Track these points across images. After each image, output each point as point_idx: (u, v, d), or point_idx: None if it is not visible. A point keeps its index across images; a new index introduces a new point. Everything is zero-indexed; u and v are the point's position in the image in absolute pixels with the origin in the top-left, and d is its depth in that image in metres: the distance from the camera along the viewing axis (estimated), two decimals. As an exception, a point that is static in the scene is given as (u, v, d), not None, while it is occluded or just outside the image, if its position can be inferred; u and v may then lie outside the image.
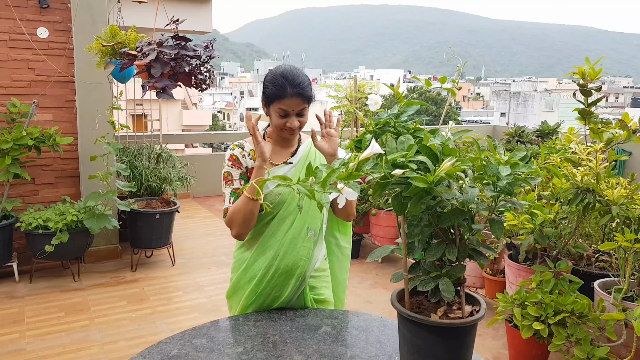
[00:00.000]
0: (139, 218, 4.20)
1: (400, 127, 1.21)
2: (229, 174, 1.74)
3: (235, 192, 1.72)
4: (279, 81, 1.66)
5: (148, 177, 4.62)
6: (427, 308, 1.36)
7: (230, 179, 1.74)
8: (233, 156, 1.76)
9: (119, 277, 4.13)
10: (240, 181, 1.74)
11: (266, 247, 1.73)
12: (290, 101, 1.66)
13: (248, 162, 1.75)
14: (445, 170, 1.09)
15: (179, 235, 5.13)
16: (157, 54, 2.27)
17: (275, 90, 1.66)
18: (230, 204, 1.71)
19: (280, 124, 1.69)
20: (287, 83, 1.65)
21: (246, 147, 1.78)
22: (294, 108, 1.67)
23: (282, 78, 1.67)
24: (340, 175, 1.10)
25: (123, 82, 3.54)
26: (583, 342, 2.55)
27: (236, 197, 1.71)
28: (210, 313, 3.52)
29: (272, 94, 1.67)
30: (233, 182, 1.73)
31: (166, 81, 2.28)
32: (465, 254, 1.26)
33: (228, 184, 1.74)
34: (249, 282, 1.74)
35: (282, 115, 1.68)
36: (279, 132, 1.72)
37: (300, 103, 1.67)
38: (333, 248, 1.91)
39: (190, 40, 2.39)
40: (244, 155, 1.76)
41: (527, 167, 1.15)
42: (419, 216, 1.21)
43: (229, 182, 1.74)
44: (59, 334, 3.17)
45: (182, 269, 4.37)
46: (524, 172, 1.16)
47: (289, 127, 1.69)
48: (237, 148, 1.77)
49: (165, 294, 3.84)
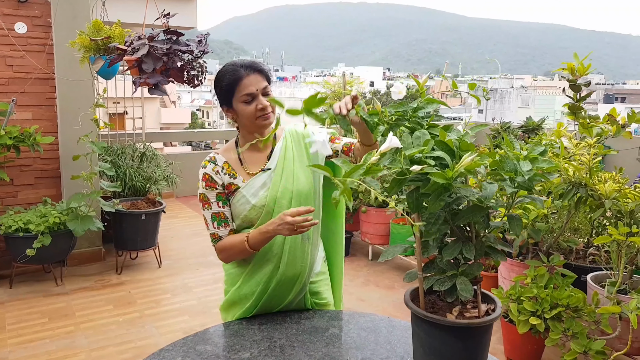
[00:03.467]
0: (124, 219, 4.08)
1: (415, 122, 1.17)
2: (205, 197, 1.61)
3: (216, 216, 1.61)
4: (230, 68, 1.58)
5: (132, 176, 4.51)
6: (442, 308, 1.33)
7: (207, 202, 1.61)
8: (206, 175, 1.62)
9: (104, 280, 4.02)
10: (218, 203, 1.61)
11: (263, 261, 1.62)
12: (249, 79, 1.55)
13: (223, 178, 1.62)
14: (465, 166, 1.06)
15: (165, 236, 5.02)
16: (149, 49, 2.18)
17: (230, 76, 1.56)
18: (215, 228, 1.61)
19: (251, 110, 1.56)
20: (238, 66, 1.57)
21: (219, 160, 1.64)
22: (257, 86, 1.56)
23: (232, 65, 1.59)
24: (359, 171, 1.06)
25: (107, 78, 3.43)
26: (579, 335, 2.56)
27: (219, 221, 1.61)
28: (201, 315, 3.44)
29: (229, 83, 1.56)
30: (211, 206, 1.61)
31: (159, 77, 2.19)
32: (482, 252, 1.23)
33: (206, 208, 1.61)
34: (247, 298, 1.64)
35: (249, 101, 1.56)
36: (253, 123, 1.58)
37: (261, 80, 1.57)
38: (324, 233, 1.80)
39: (182, 34, 2.31)
40: (217, 172, 1.62)
41: (547, 162, 1.12)
42: (436, 214, 1.17)
43: (206, 205, 1.61)
44: (43, 341, 3.05)
45: (169, 270, 4.28)
46: (543, 167, 1.13)
47: (262, 107, 1.56)
48: (209, 164, 1.63)
49: (153, 297, 3.74)
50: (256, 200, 1.60)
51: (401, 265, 4.45)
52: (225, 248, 1.61)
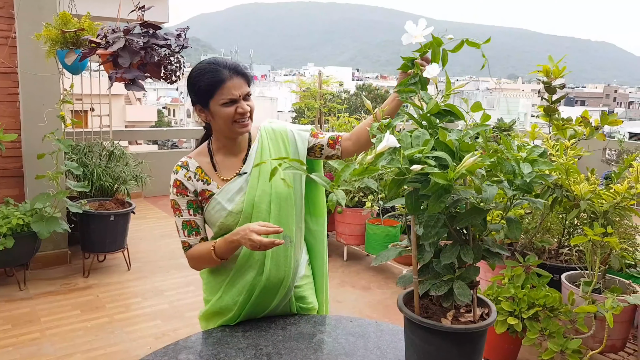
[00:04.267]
0: (92, 220, 3.92)
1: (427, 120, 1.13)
2: (176, 203, 1.54)
3: (186, 224, 1.54)
4: (212, 67, 1.46)
5: (100, 176, 4.34)
6: (435, 312, 1.30)
7: (178, 209, 1.53)
8: (177, 182, 1.53)
9: (70, 284, 3.85)
10: (189, 211, 1.53)
11: (245, 268, 1.54)
12: (232, 83, 1.45)
13: (195, 184, 1.53)
14: (467, 167, 1.03)
15: (134, 237, 4.86)
16: (125, 42, 2.07)
17: (212, 77, 1.45)
18: (186, 236, 1.54)
19: (230, 114, 1.46)
20: (220, 67, 1.46)
21: (191, 165, 1.55)
22: (239, 91, 1.46)
23: (214, 64, 1.47)
24: (354, 171, 1.01)
25: (76, 73, 3.26)
26: (556, 335, 2.59)
27: (189, 229, 1.53)
28: (173, 319, 3.34)
29: (210, 84, 1.45)
30: (182, 213, 1.53)
31: (135, 72, 2.08)
32: (479, 255, 1.20)
33: (177, 215, 1.54)
34: (229, 308, 1.56)
35: (228, 104, 1.46)
36: (230, 128, 1.49)
37: (243, 84, 1.47)
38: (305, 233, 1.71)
39: (160, 27, 2.20)
40: (189, 178, 1.53)
41: (547, 164, 1.10)
42: (436, 216, 1.13)
43: (177, 212, 1.54)
44: (6, 349, 2.89)
45: (139, 273, 4.14)
46: (543, 169, 1.11)
47: (241, 112, 1.46)
48: (180, 170, 1.54)
49: (122, 301, 3.61)
50: (232, 205, 1.52)
51: (375, 266, 4.44)
52: (193, 257, 1.54)
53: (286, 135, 1.62)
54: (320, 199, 1.74)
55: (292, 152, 1.60)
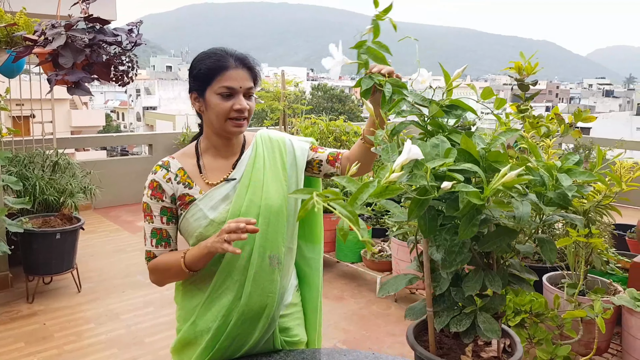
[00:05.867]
0: (35, 239, 3.54)
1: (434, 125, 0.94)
2: (148, 207, 1.35)
3: (156, 232, 1.34)
4: (218, 53, 1.33)
5: (43, 189, 3.94)
6: (452, 348, 1.11)
7: (150, 214, 1.35)
8: (154, 183, 1.35)
9: (12, 311, 3.45)
10: (162, 218, 1.34)
11: (221, 291, 1.34)
12: (236, 72, 1.31)
13: (175, 187, 1.35)
14: (505, 182, 0.84)
15: (83, 254, 4.47)
16: (67, 39, 1.76)
17: (215, 61, 1.31)
18: (153, 246, 1.34)
19: (226, 109, 1.30)
20: (227, 54, 1.33)
21: (172, 166, 1.38)
22: (241, 83, 1.31)
23: (221, 51, 1.34)
24: (373, 192, 0.81)
25: (11, 76, 2.89)
26: (545, 342, 2.49)
27: (158, 239, 1.34)
28: (132, 347, 3.03)
29: (212, 67, 1.31)
30: (153, 219, 1.34)
31: (80, 73, 1.77)
32: (505, 282, 1.03)
33: (147, 220, 1.36)
34: (202, 335, 1.36)
35: (226, 96, 1.30)
36: (222, 125, 1.33)
37: (248, 78, 1.33)
38: (298, 261, 1.54)
39: (108, 22, 1.90)
40: (168, 179, 1.35)
41: (587, 174, 0.93)
42: (460, 241, 0.94)
43: (148, 217, 1.35)
44: None
45: (91, 295, 3.77)
46: (582, 180, 0.94)
47: (238, 108, 1.30)
48: (160, 170, 1.37)
49: (73, 329, 3.25)
50: (215, 214, 1.33)
51: (347, 273, 4.26)
52: (158, 268, 1.34)
53: (284, 144, 1.45)
54: (318, 223, 1.55)
55: (289, 163, 1.43)
